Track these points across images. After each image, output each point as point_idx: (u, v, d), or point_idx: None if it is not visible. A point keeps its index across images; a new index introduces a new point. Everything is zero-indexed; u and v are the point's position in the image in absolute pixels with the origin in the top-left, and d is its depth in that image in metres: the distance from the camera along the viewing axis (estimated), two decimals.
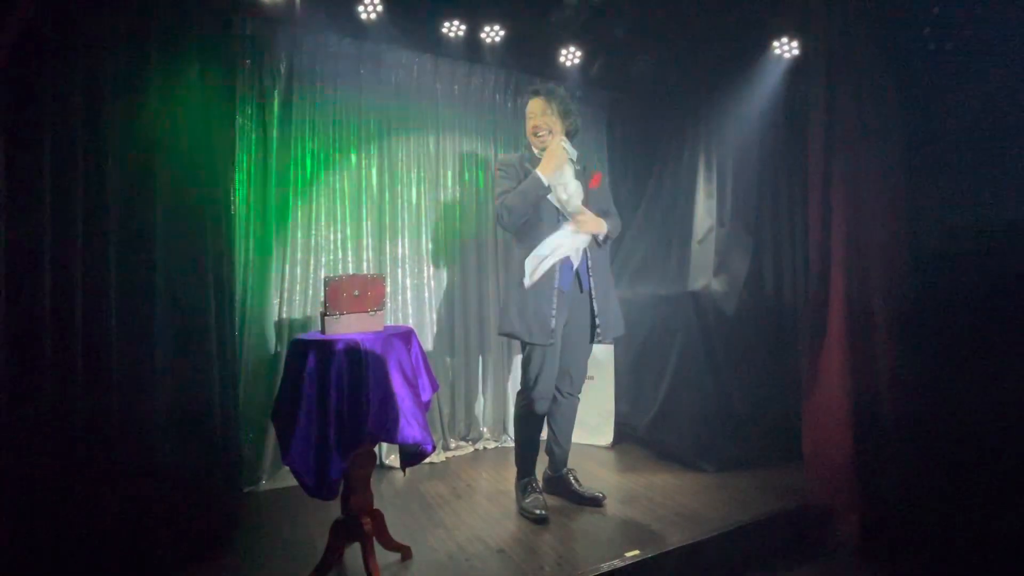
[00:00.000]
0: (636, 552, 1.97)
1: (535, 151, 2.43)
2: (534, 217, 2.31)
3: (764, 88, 3.02)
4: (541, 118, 2.38)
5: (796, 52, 2.87)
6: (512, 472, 2.49)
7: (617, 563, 1.91)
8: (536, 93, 2.42)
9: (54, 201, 1.67)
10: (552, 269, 2.28)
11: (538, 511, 2.28)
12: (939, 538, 2.23)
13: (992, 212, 2.54)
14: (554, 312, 2.28)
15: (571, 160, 2.33)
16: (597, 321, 2.39)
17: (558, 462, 2.53)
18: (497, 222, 2.29)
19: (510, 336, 2.34)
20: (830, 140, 2.35)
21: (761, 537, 2.21)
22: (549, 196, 2.29)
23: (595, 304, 2.38)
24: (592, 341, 2.43)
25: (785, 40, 2.88)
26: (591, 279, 2.39)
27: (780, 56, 2.92)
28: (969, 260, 2.57)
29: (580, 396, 2.53)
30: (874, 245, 2.30)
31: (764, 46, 2.94)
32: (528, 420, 2.38)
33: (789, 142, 3.00)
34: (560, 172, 2.27)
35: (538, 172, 2.27)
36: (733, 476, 2.70)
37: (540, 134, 2.38)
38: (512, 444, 3.31)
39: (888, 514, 2.20)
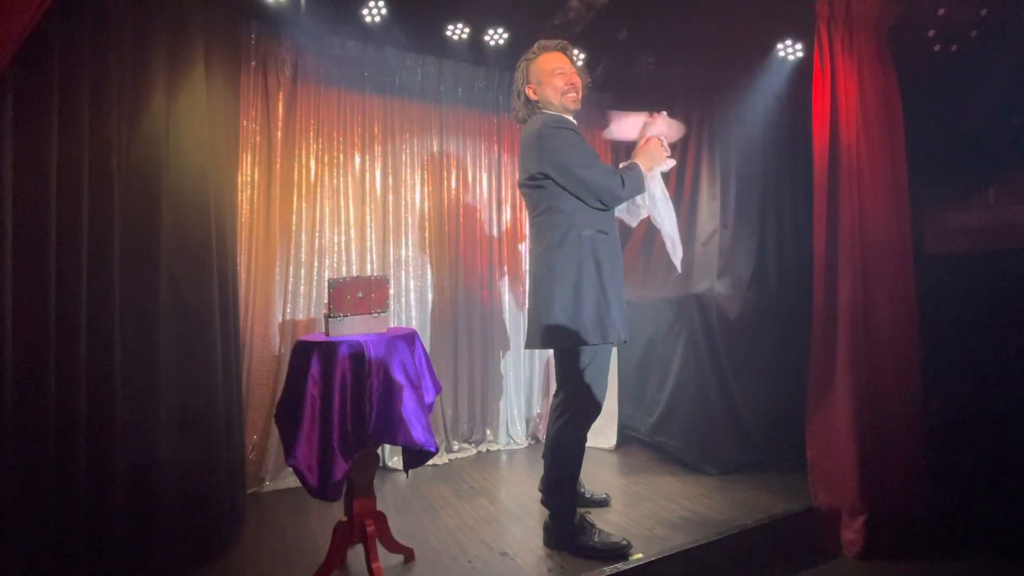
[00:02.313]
0: (640, 555, 1.97)
1: (553, 111, 2.11)
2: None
3: (768, 90, 3.01)
4: (575, 77, 2.11)
5: (800, 54, 2.87)
6: (515, 474, 2.45)
7: (621, 566, 1.91)
8: (547, 48, 2.13)
9: (60, 201, 1.68)
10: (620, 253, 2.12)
11: (624, 541, 1.99)
12: (943, 541, 2.22)
13: (995, 212, 2.53)
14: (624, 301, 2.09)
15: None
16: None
17: None
18: (603, 192, 1.99)
19: (610, 342, 2.00)
20: (834, 142, 2.34)
21: (765, 541, 2.20)
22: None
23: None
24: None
25: (789, 42, 2.88)
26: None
27: (784, 58, 2.91)
28: (973, 261, 2.56)
29: None
30: (878, 247, 2.30)
31: (768, 48, 2.93)
32: (582, 441, 2.07)
33: (793, 144, 2.99)
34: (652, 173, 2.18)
35: (646, 173, 2.12)
36: (737, 479, 2.69)
37: (572, 94, 2.10)
38: (516, 447, 3.34)
39: (892, 518, 2.19)
